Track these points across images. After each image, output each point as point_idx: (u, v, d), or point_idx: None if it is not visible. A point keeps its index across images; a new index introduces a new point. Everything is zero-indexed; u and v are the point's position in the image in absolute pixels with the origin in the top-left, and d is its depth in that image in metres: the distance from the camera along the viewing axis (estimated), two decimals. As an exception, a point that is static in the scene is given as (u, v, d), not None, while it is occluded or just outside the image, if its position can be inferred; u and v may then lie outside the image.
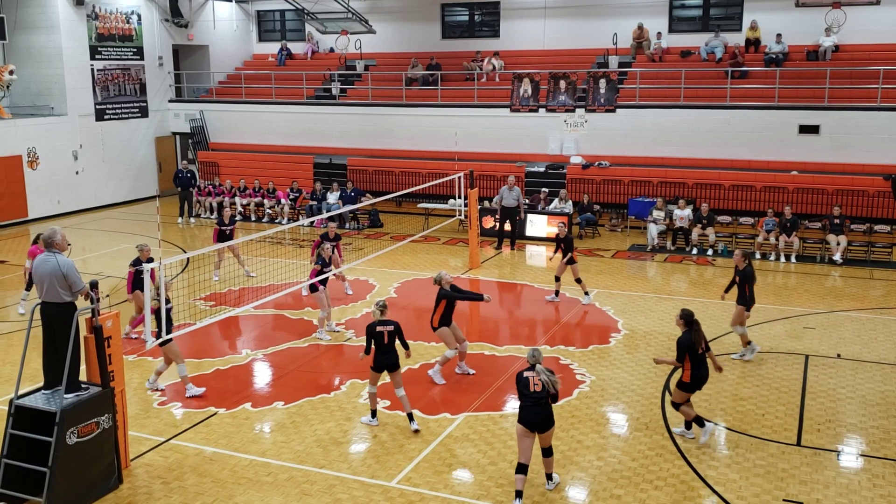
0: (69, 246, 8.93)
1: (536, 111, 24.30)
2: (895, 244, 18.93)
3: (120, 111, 27.01)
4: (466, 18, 29.16)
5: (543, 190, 22.10)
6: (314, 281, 13.21)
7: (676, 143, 22.75)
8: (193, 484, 8.87)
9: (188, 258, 18.03)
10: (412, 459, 9.36)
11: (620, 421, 10.36)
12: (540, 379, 8.32)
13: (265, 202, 24.13)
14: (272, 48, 31.45)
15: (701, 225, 19.51)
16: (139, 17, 27.32)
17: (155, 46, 28.06)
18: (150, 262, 11.97)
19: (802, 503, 8.42)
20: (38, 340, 8.82)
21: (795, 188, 20.81)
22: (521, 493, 8.30)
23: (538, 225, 20.96)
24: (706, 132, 22.50)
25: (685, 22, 26.23)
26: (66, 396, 8.32)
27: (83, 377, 8.81)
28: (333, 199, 22.96)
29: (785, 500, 8.47)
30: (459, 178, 19.05)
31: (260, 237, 16.63)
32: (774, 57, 23.27)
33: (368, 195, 23.18)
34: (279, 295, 13.93)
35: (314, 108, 27.30)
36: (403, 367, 12.13)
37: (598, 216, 21.74)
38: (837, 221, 18.63)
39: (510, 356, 12.64)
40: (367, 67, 28.74)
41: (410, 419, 10.09)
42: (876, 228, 19.41)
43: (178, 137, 29.33)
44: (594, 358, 12.60)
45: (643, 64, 25.01)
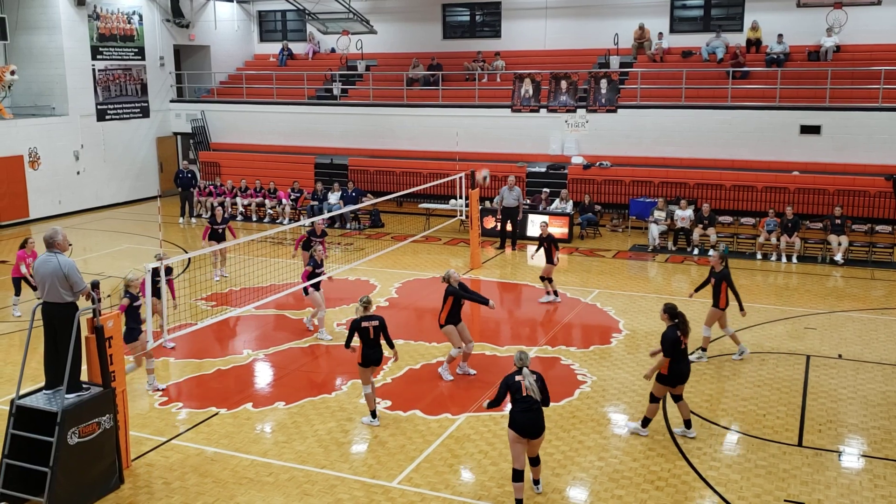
0: (70, 246, 8.93)
1: (537, 111, 24.29)
2: (896, 244, 18.97)
3: (121, 111, 27.03)
4: (467, 19, 29.16)
5: (545, 190, 22.11)
6: (307, 284, 13.32)
7: (678, 143, 22.75)
8: (195, 484, 8.88)
9: (189, 258, 18.05)
10: (413, 460, 9.37)
11: (622, 421, 10.36)
12: (526, 384, 8.13)
13: (266, 202, 24.13)
14: (273, 48, 31.46)
15: (702, 225, 19.51)
16: (140, 17, 27.34)
17: (156, 47, 28.08)
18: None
19: (804, 503, 8.43)
20: (39, 341, 8.82)
21: (797, 188, 20.80)
22: (521, 501, 8.22)
23: (539, 225, 20.91)
24: (707, 132, 22.50)
25: (686, 22, 26.21)
26: (67, 396, 8.33)
27: (84, 377, 8.82)
28: (334, 199, 22.98)
29: (786, 500, 8.47)
30: (460, 178, 19.06)
31: (261, 237, 16.65)
32: (776, 57, 23.26)
33: (369, 195, 23.19)
34: (280, 295, 13.94)
35: (315, 108, 27.30)
36: (404, 367, 12.19)
37: (599, 216, 21.74)
38: (839, 222, 18.63)
39: (512, 356, 12.60)
40: (368, 68, 28.75)
41: (373, 415, 10.35)
42: (877, 229, 19.39)
43: (179, 138, 29.34)
44: (595, 358, 12.60)
45: (644, 64, 25.01)
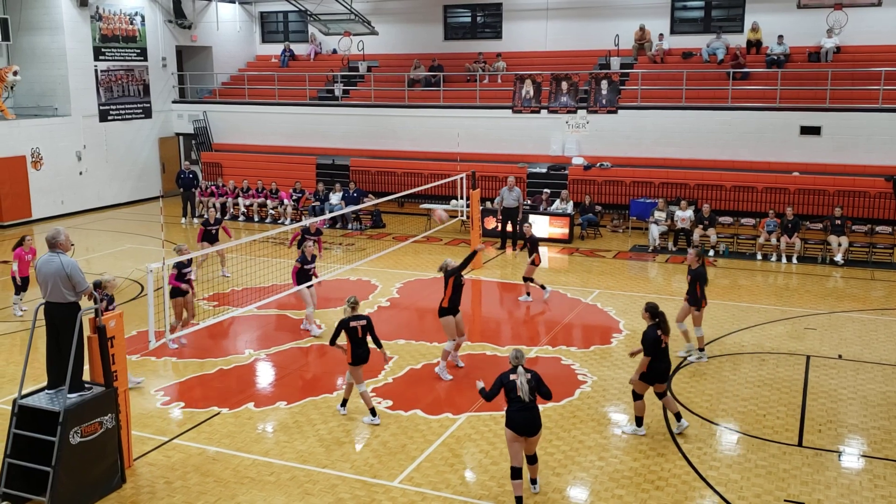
0: (72, 246, 8.96)
1: (538, 112, 24.32)
2: (897, 245, 18.98)
3: (123, 112, 27.07)
4: (469, 20, 29.19)
5: (545, 191, 22.12)
6: (303, 288, 13.46)
7: (678, 144, 22.78)
8: (196, 483, 8.91)
9: (191, 258, 18.05)
10: (414, 459, 9.39)
11: (622, 421, 10.38)
12: (519, 383, 8.17)
13: (268, 203, 24.17)
14: (275, 49, 31.50)
15: (702, 226, 19.53)
16: (143, 18, 27.38)
17: (158, 47, 28.13)
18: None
19: (804, 503, 8.45)
20: (41, 340, 8.86)
21: (797, 189, 20.81)
22: (521, 498, 8.26)
23: (540, 226, 20.96)
24: (708, 133, 22.52)
25: (687, 23, 26.24)
26: (69, 396, 8.36)
27: (86, 377, 8.86)
28: (336, 199, 23.02)
29: (786, 500, 8.49)
30: (462, 178, 19.09)
31: (263, 238, 16.63)
32: (776, 58, 23.28)
33: (371, 196, 23.21)
34: (282, 295, 13.97)
35: (317, 109, 27.34)
36: (405, 367, 12.23)
37: (599, 217, 21.77)
38: (839, 222, 18.65)
39: (512, 357, 12.66)
40: (369, 69, 28.79)
41: (343, 404, 10.61)
42: (877, 229, 19.39)
43: (181, 138, 29.37)
44: (596, 358, 12.63)
45: (645, 65, 25.03)
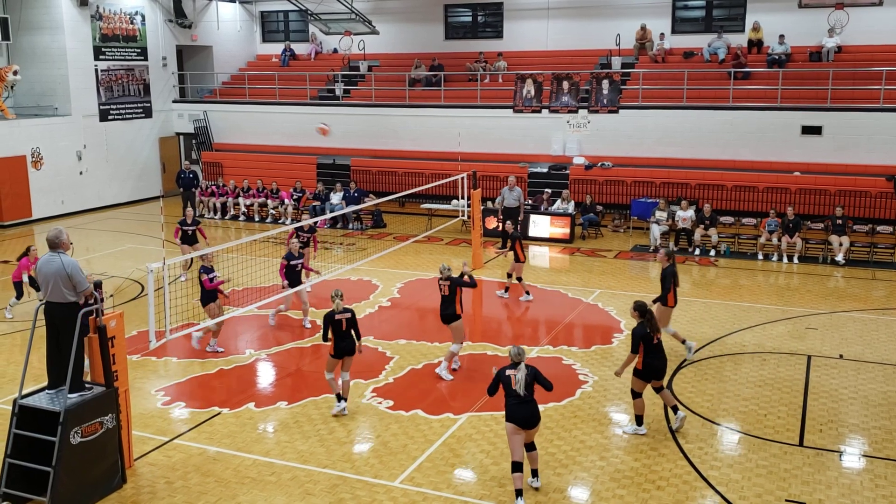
0: (71, 245, 8.95)
1: (539, 112, 24.31)
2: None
3: (124, 112, 27.07)
4: (470, 19, 29.18)
5: (546, 191, 22.11)
6: (298, 289, 13.53)
7: (679, 143, 22.76)
8: (197, 483, 8.90)
9: (191, 258, 18.06)
10: (415, 459, 9.39)
11: (623, 421, 10.37)
12: (516, 378, 8.34)
13: (269, 202, 24.17)
14: (276, 49, 31.49)
15: (703, 226, 19.52)
16: (143, 17, 27.38)
17: (159, 47, 28.12)
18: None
19: (805, 503, 8.44)
20: (41, 340, 8.85)
21: (798, 189, 20.80)
22: (521, 491, 8.32)
23: (541, 225, 21.00)
24: (709, 133, 22.51)
25: (688, 23, 26.22)
26: (69, 396, 8.36)
27: (87, 377, 8.85)
28: (337, 199, 23.01)
29: (787, 500, 8.48)
30: (462, 178, 19.08)
31: (263, 237, 16.62)
32: (777, 58, 23.26)
33: (372, 195, 23.21)
34: (282, 295, 13.97)
35: (318, 108, 27.30)
36: (406, 367, 12.23)
37: (600, 217, 21.76)
38: (840, 222, 18.63)
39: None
40: (370, 68, 28.78)
41: (339, 399, 10.57)
42: (878, 229, 19.38)
43: (181, 138, 29.37)
44: (597, 358, 12.62)
45: (646, 65, 25.02)
